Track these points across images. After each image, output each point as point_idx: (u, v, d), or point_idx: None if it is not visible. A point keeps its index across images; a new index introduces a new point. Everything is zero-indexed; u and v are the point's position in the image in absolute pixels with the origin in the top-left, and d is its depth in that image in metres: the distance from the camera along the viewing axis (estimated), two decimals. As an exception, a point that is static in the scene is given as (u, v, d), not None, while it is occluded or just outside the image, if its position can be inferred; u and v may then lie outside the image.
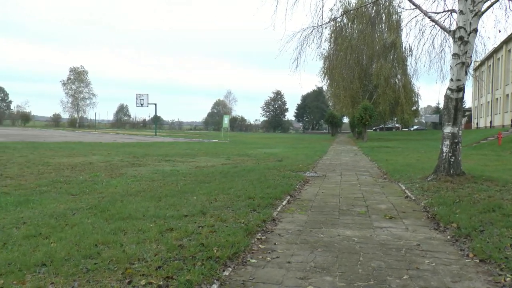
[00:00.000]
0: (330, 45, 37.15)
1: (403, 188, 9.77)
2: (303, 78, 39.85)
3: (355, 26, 26.30)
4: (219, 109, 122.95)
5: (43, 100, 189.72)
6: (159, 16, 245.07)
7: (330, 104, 65.86)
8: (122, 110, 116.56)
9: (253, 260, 4.53)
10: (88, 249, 4.57)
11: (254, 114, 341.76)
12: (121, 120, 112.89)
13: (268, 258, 4.61)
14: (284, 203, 7.71)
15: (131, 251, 4.52)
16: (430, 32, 13.85)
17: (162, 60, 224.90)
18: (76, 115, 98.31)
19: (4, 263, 4.15)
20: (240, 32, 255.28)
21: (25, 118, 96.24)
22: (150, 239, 5.01)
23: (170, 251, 4.55)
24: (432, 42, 13.21)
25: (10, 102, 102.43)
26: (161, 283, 3.73)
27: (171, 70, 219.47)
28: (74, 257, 4.33)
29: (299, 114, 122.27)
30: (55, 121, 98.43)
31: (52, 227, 5.55)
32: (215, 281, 3.88)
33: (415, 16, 12.54)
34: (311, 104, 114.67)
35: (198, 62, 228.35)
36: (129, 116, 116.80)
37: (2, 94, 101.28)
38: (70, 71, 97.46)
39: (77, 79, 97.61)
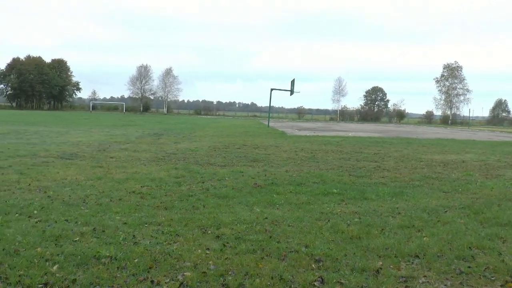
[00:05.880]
0: None
1: None
2: None
3: None
4: None
5: (416, 98, 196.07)
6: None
7: None
8: (500, 105, 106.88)
9: None
10: (461, 250, 4.41)
11: None
12: (498, 116, 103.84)
13: None
14: None
15: (511, 262, 4.08)
16: None
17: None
18: (448, 112, 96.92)
19: (382, 247, 4.50)
20: None
21: (400, 115, 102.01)
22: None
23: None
24: None
25: (388, 101, 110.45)
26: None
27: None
28: (446, 255, 4.27)
29: None
30: (428, 118, 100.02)
31: (424, 221, 5.65)
32: None
33: None
34: None
35: None
36: (508, 112, 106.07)
37: (381, 94, 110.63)
38: (443, 68, 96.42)
39: (451, 76, 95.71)
